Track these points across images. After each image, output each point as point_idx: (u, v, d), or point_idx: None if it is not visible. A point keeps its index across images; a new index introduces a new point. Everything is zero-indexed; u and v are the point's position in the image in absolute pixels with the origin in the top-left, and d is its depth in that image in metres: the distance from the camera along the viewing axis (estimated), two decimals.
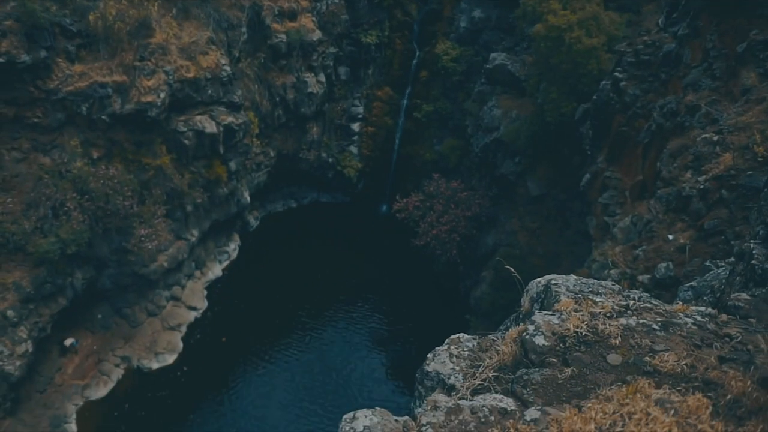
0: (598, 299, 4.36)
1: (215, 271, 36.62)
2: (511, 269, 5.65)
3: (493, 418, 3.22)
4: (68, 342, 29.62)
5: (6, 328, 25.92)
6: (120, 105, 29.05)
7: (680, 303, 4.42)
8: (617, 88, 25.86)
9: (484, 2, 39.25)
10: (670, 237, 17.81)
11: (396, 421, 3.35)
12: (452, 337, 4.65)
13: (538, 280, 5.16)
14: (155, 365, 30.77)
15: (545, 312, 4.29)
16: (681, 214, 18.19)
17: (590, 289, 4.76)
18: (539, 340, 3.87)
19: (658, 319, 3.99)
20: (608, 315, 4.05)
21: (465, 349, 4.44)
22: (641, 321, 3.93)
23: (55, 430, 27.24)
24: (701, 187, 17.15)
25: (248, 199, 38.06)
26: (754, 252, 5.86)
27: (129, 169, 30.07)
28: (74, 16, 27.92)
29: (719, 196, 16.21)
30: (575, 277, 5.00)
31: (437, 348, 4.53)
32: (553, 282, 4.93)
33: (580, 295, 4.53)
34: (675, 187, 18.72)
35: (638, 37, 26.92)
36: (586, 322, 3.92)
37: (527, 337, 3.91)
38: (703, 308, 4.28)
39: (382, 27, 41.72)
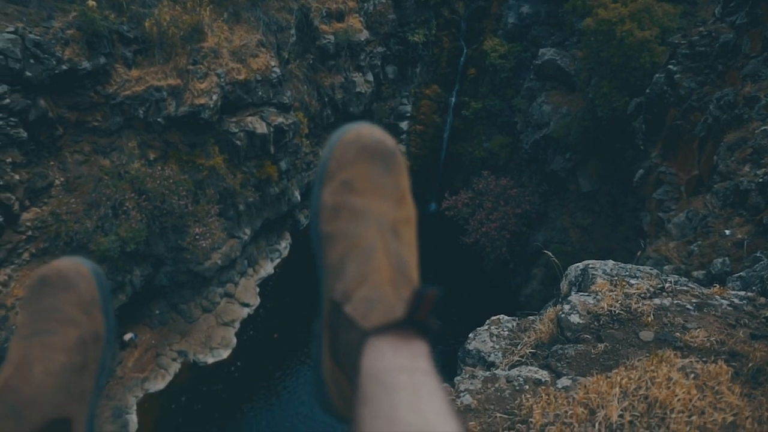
0: (633, 281, 4.42)
1: (267, 268, 37.32)
2: (550, 254, 5.71)
3: (527, 386, 3.35)
4: (127, 337, 30.73)
5: None
6: (174, 108, 29.96)
7: (717, 286, 4.43)
8: (671, 81, 25.25)
9: None
10: (727, 232, 17.33)
11: None
12: (493, 318, 4.78)
13: (577, 264, 5.24)
14: (210, 360, 31.61)
15: (581, 293, 4.38)
16: (738, 208, 17.68)
17: (627, 273, 4.81)
18: (574, 319, 3.96)
19: (693, 300, 4.02)
20: (642, 296, 4.11)
21: (505, 329, 4.57)
22: (676, 302, 3.97)
23: (116, 420, 28.33)
24: (760, 180, 16.66)
25: (299, 197, 38.65)
26: None
27: (184, 170, 30.99)
28: (131, 23, 28.96)
29: None
30: (613, 262, 5.08)
31: (478, 328, 4.67)
32: (590, 266, 5.00)
33: (616, 278, 4.59)
34: (732, 182, 18.20)
35: (693, 29, 26.20)
36: (620, 302, 3.99)
37: (563, 315, 4.00)
38: (742, 292, 4.29)
39: (429, 25, 41.73)
